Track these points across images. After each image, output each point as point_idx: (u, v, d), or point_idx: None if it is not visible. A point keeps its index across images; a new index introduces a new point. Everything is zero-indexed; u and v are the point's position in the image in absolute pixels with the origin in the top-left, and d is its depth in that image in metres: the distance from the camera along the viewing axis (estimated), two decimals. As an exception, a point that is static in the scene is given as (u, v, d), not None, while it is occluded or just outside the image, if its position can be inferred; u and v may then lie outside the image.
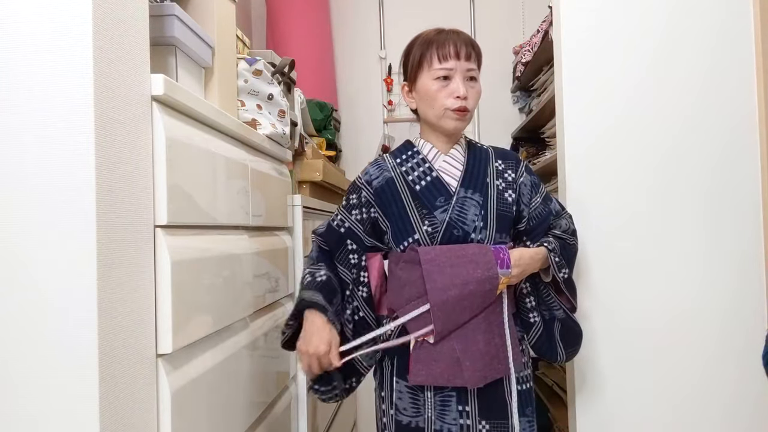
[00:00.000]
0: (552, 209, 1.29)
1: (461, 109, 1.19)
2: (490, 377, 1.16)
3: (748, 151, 1.42)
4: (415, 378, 1.17)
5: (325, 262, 1.26)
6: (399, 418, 1.22)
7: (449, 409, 1.19)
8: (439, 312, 1.14)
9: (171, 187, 0.84)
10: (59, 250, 0.68)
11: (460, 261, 1.16)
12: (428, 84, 1.21)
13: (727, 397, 1.42)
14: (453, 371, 1.15)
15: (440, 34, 1.23)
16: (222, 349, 1.02)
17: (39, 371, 0.68)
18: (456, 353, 1.15)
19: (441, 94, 1.20)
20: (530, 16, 2.90)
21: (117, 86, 0.73)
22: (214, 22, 1.15)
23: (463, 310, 1.15)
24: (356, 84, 3.00)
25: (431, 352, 1.17)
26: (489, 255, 1.16)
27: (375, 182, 1.26)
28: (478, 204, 1.21)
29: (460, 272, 1.15)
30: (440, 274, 1.15)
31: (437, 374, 1.16)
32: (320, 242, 1.30)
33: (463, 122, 1.22)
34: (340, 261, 1.26)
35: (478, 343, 1.15)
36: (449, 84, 1.20)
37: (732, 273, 1.42)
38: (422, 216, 1.21)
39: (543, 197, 1.29)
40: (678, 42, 1.43)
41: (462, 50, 1.20)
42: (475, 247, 1.18)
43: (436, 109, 1.21)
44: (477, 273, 1.15)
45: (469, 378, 1.14)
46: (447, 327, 1.15)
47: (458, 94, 1.18)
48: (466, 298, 1.14)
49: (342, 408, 2.16)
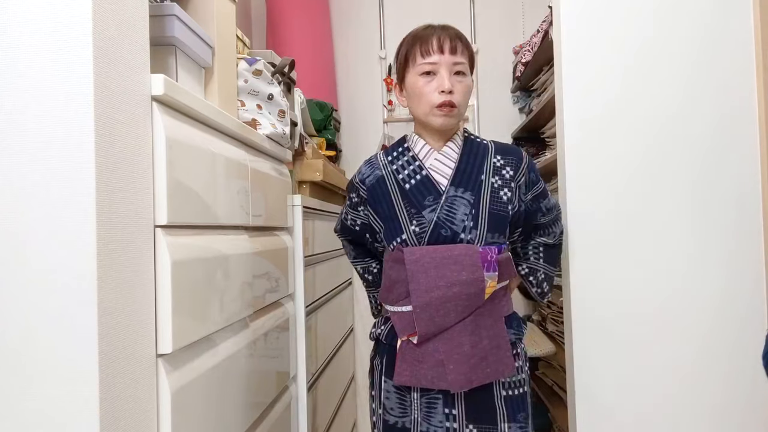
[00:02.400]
0: (542, 206, 1.29)
1: (447, 104, 1.16)
2: (477, 381, 1.13)
3: (748, 149, 1.42)
4: (399, 378, 1.16)
5: (363, 255, 1.40)
6: (386, 418, 1.22)
7: (435, 412, 1.17)
8: (421, 313, 1.12)
9: (171, 187, 0.84)
10: (59, 250, 0.68)
11: (445, 262, 1.13)
12: (414, 80, 1.19)
13: (727, 397, 1.42)
14: (437, 373, 1.13)
15: (426, 30, 1.21)
16: (222, 349, 1.02)
17: (39, 371, 0.68)
18: (440, 355, 1.13)
19: (426, 89, 1.17)
20: (530, 16, 2.90)
21: (117, 86, 0.73)
22: (214, 22, 1.15)
23: (447, 312, 1.13)
24: (356, 84, 3.00)
25: (416, 352, 1.15)
26: (475, 257, 1.13)
27: (368, 181, 1.26)
28: (468, 203, 1.17)
29: (444, 273, 1.12)
30: (424, 275, 1.13)
31: (421, 375, 1.14)
32: (345, 239, 1.40)
33: (451, 118, 1.19)
34: (369, 247, 1.36)
35: (463, 346, 1.13)
36: (434, 79, 1.17)
37: (731, 267, 1.42)
38: (410, 215, 1.18)
39: (536, 194, 1.27)
40: (678, 43, 1.43)
41: (446, 44, 1.17)
42: (463, 248, 1.14)
43: (423, 105, 1.18)
44: (462, 275, 1.12)
45: (453, 381, 1.12)
46: (430, 329, 1.13)
47: (443, 88, 1.15)
48: (451, 300, 1.12)
49: (342, 408, 2.16)
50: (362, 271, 1.41)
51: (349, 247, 1.41)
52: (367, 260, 1.39)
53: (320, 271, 1.81)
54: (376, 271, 1.38)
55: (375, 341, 1.30)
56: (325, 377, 1.84)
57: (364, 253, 1.39)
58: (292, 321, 1.50)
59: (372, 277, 1.39)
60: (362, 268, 1.41)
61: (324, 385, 1.83)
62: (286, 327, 1.45)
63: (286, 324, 1.45)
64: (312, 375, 1.63)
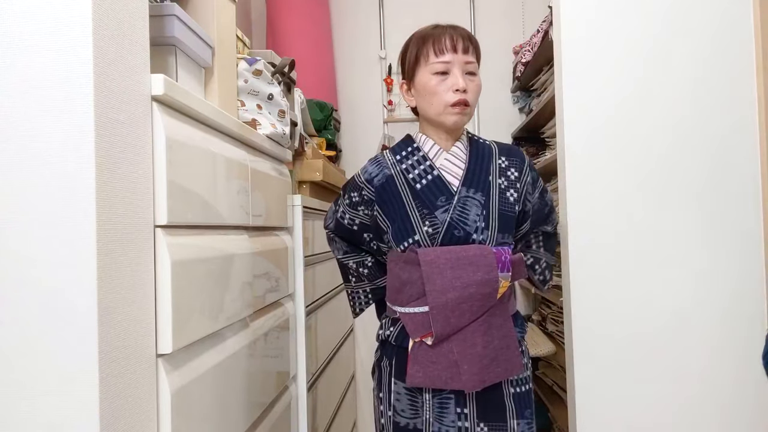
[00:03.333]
0: (547, 201, 1.33)
1: (462, 103, 1.17)
2: (489, 381, 1.14)
3: (748, 150, 1.42)
4: (412, 380, 1.15)
5: (352, 251, 1.39)
6: (397, 420, 1.21)
7: (447, 411, 1.17)
8: (438, 315, 1.12)
9: (171, 187, 0.84)
10: (59, 250, 0.68)
11: (460, 263, 1.13)
12: (426, 79, 1.19)
13: (726, 397, 1.42)
14: (450, 374, 1.13)
15: (436, 29, 1.21)
16: (222, 349, 1.02)
17: (39, 371, 0.68)
18: (454, 356, 1.13)
19: (440, 88, 1.17)
20: (530, 16, 2.90)
21: (117, 86, 0.73)
22: (214, 22, 1.15)
23: (462, 313, 1.13)
24: (356, 84, 3.00)
25: (429, 354, 1.15)
26: (490, 257, 1.14)
27: (375, 180, 1.24)
28: (480, 204, 1.18)
29: (460, 274, 1.12)
30: (440, 276, 1.13)
31: (435, 376, 1.14)
32: (337, 236, 1.39)
33: (464, 117, 1.20)
34: (364, 246, 1.36)
35: (476, 346, 1.13)
36: (448, 78, 1.18)
37: (731, 270, 1.42)
38: (423, 216, 1.18)
39: (540, 191, 1.31)
40: (678, 41, 1.43)
41: (459, 43, 1.18)
42: (477, 248, 1.15)
43: (436, 104, 1.19)
44: (477, 275, 1.12)
45: (467, 381, 1.12)
46: (446, 330, 1.13)
47: (458, 87, 1.16)
48: (466, 301, 1.12)
49: (342, 408, 2.16)
50: (356, 266, 1.38)
51: (341, 243, 1.38)
52: (362, 254, 1.37)
53: (320, 271, 1.81)
54: (371, 265, 1.37)
55: (381, 343, 1.30)
56: (325, 377, 1.84)
57: (357, 247, 1.38)
58: (292, 321, 1.50)
59: (368, 270, 1.37)
60: (356, 262, 1.37)
61: (324, 385, 1.83)
62: (286, 327, 1.45)
63: (286, 324, 1.45)
64: (312, 375, 1.63)
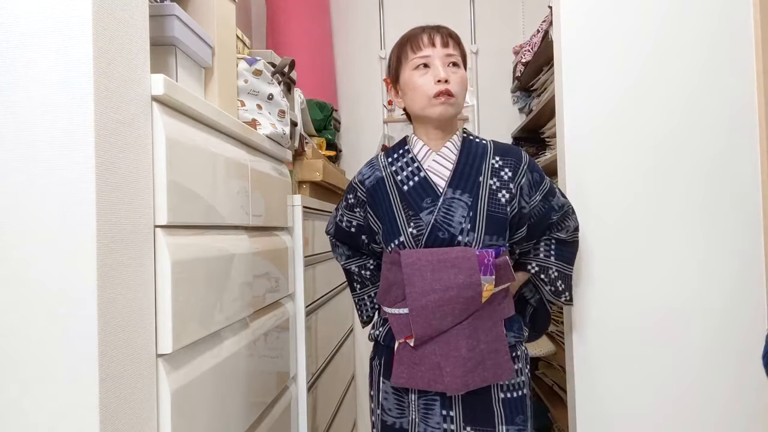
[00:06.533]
0: (554, 205, 1.27)
1: (445, 93, 1.16)
2: (473, 384, 1.12)
3: (748, 148, 1.42)
4: (396, 380, 1.16)
5: (355, 256, 1.39)
6: (384, 418, 1.22)
7: (433, 413, 1.17)
8: (417, 317, 1.12)
9: (171, 187, 0.84)
10: (59, 250, 0.68)
11: (441, 265, 1.12)
12: (408, 75, 1.20)
13: (726, 397, 1.42)
14: (433, 376, 1.13)
15: (415, 29, 1.23)
16: (222, 349, 1.02)
17: (39, 371, 0.68)
18: (437, 358, 1.13)
19: (421, 81, 1.18)
20: (530, 16, 2.90)
21: (117, 86, 0.73)
22: (214, 22, 1.15)
23: (444, 316, 1.12)
24: (356, 84, 3.00)
25: (413, 355, 1.15)
26: (472, 260, 1.12)
27: (367, 182, 1.26)
28: (466, 205, 1.17)
29: (441, 277, 1.11)
30: (420, 279, 1.12)
31: (418, 377, 1.14)
32: (339, 240, 1.39)
33: (450, 107, 1.18)
34: (364, 249, 1.37)
35: (460, 349, 1.12)
36: (429, 71, 1.18)
37: (731, 269, 1.42)
38: (408, 217, 1.18)
39: (544, 194, 1.26)
40: (677, 41, 1.43)
41: (437, 38, 1.19)
42: (460, 251, 1.14)
43: (419, 98, 1.19)
44: (459, 278, 1.11)
45: (449, 384, 1.11)
46: (426, 332, 1.13)
47: (439, 78, 1.16)
48: (447, 304, 1.11)
49: (342, 408, 2.16)
50: (358, 269, 1.38)
51: (343, 247, 1.39)
52: (364, 258, 1.38)
53: (320, 271, 1.81)
54: (372, 268, 1.37)
55: (374, 342, 1.31)
56: (325, 377, 1.84)
57: (358, 251, 1.38)
58: (292, 321, 1.50)
59: (370, 273, 1.38)
60: (358, 266, 1.38)
61: (324, 385, 1.83)
62: (286, 327, 1.45)
63: (286, 324, 1.45)
64: (312, 375, 1.63)
